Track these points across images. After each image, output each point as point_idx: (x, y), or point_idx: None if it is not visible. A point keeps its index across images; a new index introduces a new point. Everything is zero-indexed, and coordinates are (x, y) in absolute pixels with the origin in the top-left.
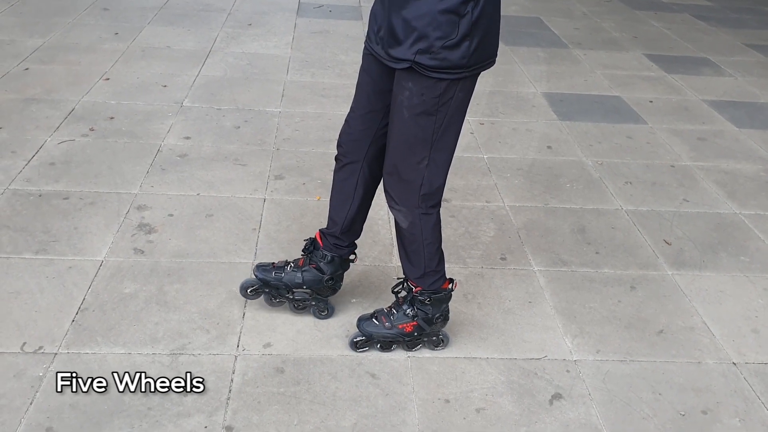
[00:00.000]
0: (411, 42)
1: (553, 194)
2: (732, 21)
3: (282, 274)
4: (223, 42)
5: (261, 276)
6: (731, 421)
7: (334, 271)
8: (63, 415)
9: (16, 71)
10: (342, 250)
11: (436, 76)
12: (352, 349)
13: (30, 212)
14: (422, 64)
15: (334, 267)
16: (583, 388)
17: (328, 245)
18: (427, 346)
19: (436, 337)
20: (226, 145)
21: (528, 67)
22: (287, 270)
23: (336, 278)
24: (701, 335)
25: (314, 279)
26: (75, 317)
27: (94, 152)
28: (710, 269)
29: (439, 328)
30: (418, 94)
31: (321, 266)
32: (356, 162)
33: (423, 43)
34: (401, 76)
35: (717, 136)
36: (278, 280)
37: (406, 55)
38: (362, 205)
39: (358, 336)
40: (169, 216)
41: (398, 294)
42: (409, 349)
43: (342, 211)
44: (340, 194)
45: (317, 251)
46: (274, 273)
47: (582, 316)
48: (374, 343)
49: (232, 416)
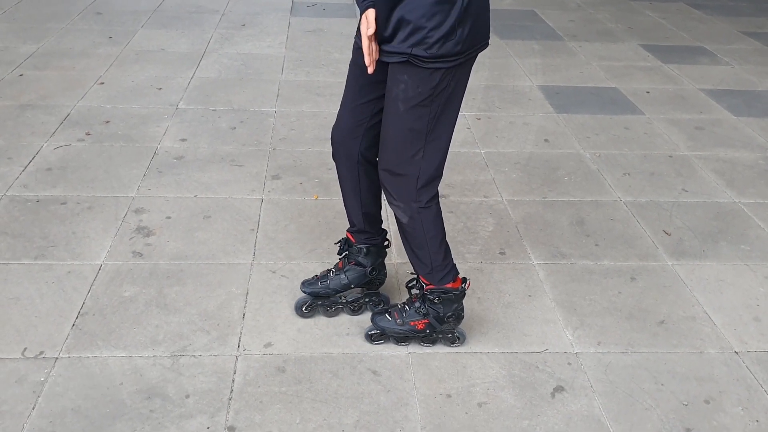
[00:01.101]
0: (405, 35)
1: (551, 187)
2: (728, 9)
3: (327, 281)
4: (216, 43)
5: (309, 290)
6: (734, 409)
7: (374, 261)
8: (65, 419)
9: (11, 78)
10: (374, 239)
11: (432, 67)
12: (368, 341)
13: (28, 218)
14: (418, 56)
15: (373, 258)
16: (584, 381)
17: (361, 240)
18: (444, 343)
19: (452, 335)
20: (223, 147)
21: (523, 61)
22: (331, 276)
23: (377, 268)
24: (702, 325)
25: (358, 275)
26: (75, 322)
27: (91, 157)
28: (710, 258)
29: (452, 327)
30: (413, 86)
31: (360, 261)
32: (351, 156)
33: (418, 35)
34: (396, 69)
35: (715, 124)
36: (327, 288)
37: (401, 48)
38: (370, 196)
39: (372, 329)
40: (166, 218)
41: (411, 290)
42: (425, 345)
43: (356, 208)
44: (347, 193)
45: (352, 248)
46: (320, 283)
47: (582, 309)
48: (389, 337)
49: (234, 416)
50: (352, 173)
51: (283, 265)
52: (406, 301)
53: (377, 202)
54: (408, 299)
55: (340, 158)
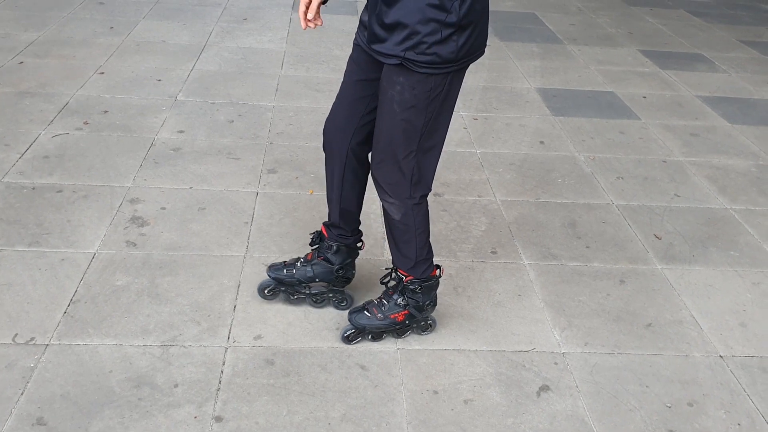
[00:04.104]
0: (401, 38)
1: (545, 189)
2: (727, 17)
3: (294, 271)
4: (217, 36)
5: (274, 275)
6: (717, 412)
7: (343, 261)
8: (54, 405)
9: (11, 65)
10: (347, 239)
11: (426, 72)
12: (345, 342)
13: (23, 205)
14: (412, 60)
15: (342, 257)
16: (570, 381)
17: (333, 236)
18: (416, 332)
19: (425, 322)
20: (220, 139)
21: (522, 63)
22: (298, 266)
23: (346, 267)
24: (689, 329)
25: (325, 271)
26: (67, 309)
27: (88, 146)
28: (700, 263)
29: (429, 313)
30: (409, 89)
31: (329, 257)
32: (340, 150)
33: (412, 40)
34: (391, 71)
35: (709, 131)
36: (291, 277)
37: (395, 51)
38: (352, 193)
39: (349, 329)
40: (161, 209)
41: (387, 284)
42: (399, 337)
43: (334, 202)
44: (330, 184)
45: (323, 243)
46: (285, 270)
47: (571, 309)
48: (366, 335)
49: (221, 407)
50: (339, 167)
51: (276, 259)
52: (381, 295)
53: (358, 201)
54: (384, 293)
55: (330, 151)
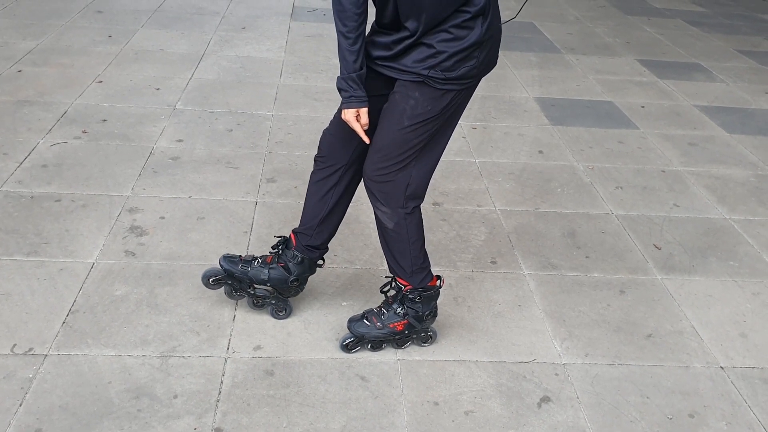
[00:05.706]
0: (424, 56)
1: (544, 198)
2: (724, 27)
3: (248, 268)
4: (216, 45)
5: (227, 267)
6: (718, 424)
7: (301, 273)
8: (53, 416)
9: (9, 73)
10: (313, 253)
11: (446, 88)
12: (344, 351)
13: (21, 214)
14: (435, 77)
15: (303, 269)
16: (571, 392)
17: (300, 246)
18: (416, 343)
19: (425, 333)
20: (219, 148)
21: (520, 72)
22: (254, 265)
23: (302, 280)
24: (689, 339)
25: (280, 278)
26: (66, 319)
27: (86, 155)
28: (699, 274)
29: (429, 324)
30: (423, 104)
31: (289, 266)
32: (337, 166)
33: (437, 58)
34: (408, 86)
35: (708, 141)
36: (244, 274)
37: (416, 68)
38: (337, 209)
39: (348, 338)
40: (160, 219)
41: (387, 293)
42: (399, 347)
43: (316, 213)
44: (315, 195)
45: (288, 251)
46: (240, 266)
47: (571, 320)
48: (365, 344)
49: (221, 418)
50: (331, 178)
51: None
52: (381, 304)
53: (340, 216)
54: (384, 302)
55: (324, 161)
